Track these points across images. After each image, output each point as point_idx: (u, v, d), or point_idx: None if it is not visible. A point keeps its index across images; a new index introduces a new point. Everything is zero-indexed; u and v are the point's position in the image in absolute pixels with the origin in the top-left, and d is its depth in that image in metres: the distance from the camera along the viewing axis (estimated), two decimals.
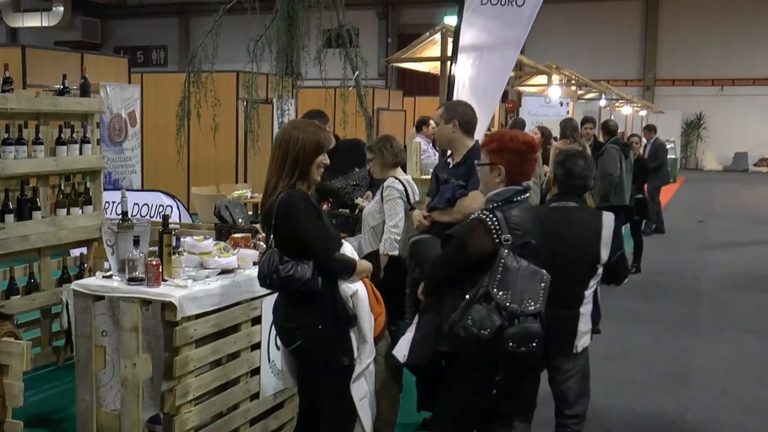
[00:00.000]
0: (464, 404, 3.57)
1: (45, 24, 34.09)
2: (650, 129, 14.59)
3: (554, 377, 4.07)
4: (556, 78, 16.52)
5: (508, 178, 3.50)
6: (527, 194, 3.57)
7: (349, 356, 3.62)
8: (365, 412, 3.70)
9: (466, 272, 3.42)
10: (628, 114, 27.75)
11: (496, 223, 3.36)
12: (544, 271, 3.34)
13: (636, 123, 30.56)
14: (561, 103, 15.93)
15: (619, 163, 9.46)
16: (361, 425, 3.70)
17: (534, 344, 3.30)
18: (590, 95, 21.99)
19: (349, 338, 3.62)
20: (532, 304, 3.29)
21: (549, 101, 16.12)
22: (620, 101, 25.69)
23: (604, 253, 3.91)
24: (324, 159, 3.61)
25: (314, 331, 3.55)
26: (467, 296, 3.35)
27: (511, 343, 3.27)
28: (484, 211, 3.45)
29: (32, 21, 34.25)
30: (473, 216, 3.51)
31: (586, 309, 3.94)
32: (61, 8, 34.15)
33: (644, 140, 14.45)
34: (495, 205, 3.48)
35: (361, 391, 3.68)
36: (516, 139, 3.56)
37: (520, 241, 3.36)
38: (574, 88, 18.08)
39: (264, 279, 3.56)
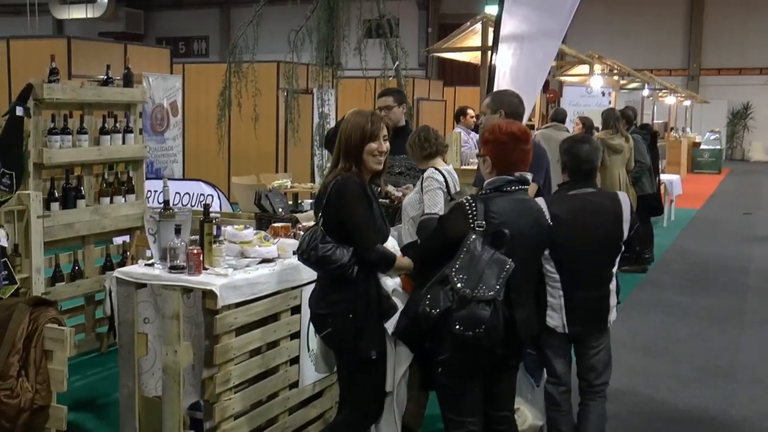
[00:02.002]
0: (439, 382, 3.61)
1: (90, 15, 34.51)
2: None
3: (585, 353, 4.15)
4: (598, 68, 16.32)
5: (496, 168, 3.58)
6: (523, 186, 3.60)
7: (378, 350, 3.62)
8: (400, 406, 3.71)
9: (445, 253, 3.45)
10: (671, 104, 27.34)
11: (474, 208, 3.44)
12: (510, 261, 3.34)
13: (680, 113, 30.11)
14: (603, 93, 15.73)
15: (648, 150, 9.68)
16: (394, 418, 3.70)
17: (480, 330, 3.29)
18: (633, 85, 21.68)
19: (381, 331, 3.62)
20: (486, 291, 3.29)
21: (591, 91, 15.93)
22: (664, 91, 25.29)
23: (626, 231, 4.04)
24: (379, 147, 3.62)
25: (345, 319, 3.57)
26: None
27: (457, 326, 3.31)
28: (467, 197, 3.54)
29: (77, 13, 34.69)
30: (457, 201, 3.65)
31: (613, 285, 4.11)
32: (105, 0, 34.56)
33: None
34: (484, 192, 3.57)
35: (393, 384, 3.68)
36: (500, 129, 3.61)
37: (494, 229, 3.39)
38: (616, 77, 17.83)
39: (302, 254, 3.61)
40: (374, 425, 3.79)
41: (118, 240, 6.65)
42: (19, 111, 5.09)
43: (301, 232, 4.62)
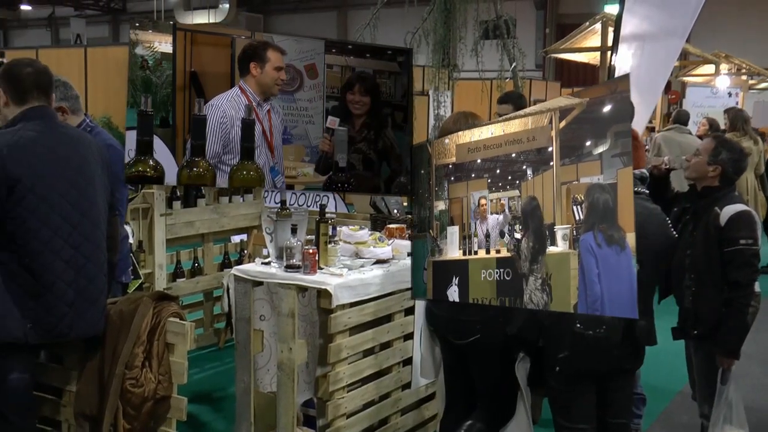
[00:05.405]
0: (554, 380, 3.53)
1: (212, 20, 35.62)
2: None
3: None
4: (724, 67, 15.67)
5: None
6: (641, 186, 3.58)
7: (521, 350, 3.63)
8: (527, 395, 3.67)
9: None
10: None
11: None
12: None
13: None
14: (729, 94, 15.08)
15: None
16: (525, 407, 3.66)
17: (601, 330, 3.27)
18: (763, 85, 20.70)
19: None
20: None
21: (716, 92, 15.29)
22: None
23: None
24: None
25: (496, 324, 3.57)
26: None
27: (579, 324, 3.29)
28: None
29: (201, 18, 35.85)
30: None
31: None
32: (227, 5, 35.58)
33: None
34: None
35: (525, 377, 3.65)
36: None
37: None
38: (744, 77, 17.07)
39: None
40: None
41: (236, 238, 6.82)
42: None
43: None
